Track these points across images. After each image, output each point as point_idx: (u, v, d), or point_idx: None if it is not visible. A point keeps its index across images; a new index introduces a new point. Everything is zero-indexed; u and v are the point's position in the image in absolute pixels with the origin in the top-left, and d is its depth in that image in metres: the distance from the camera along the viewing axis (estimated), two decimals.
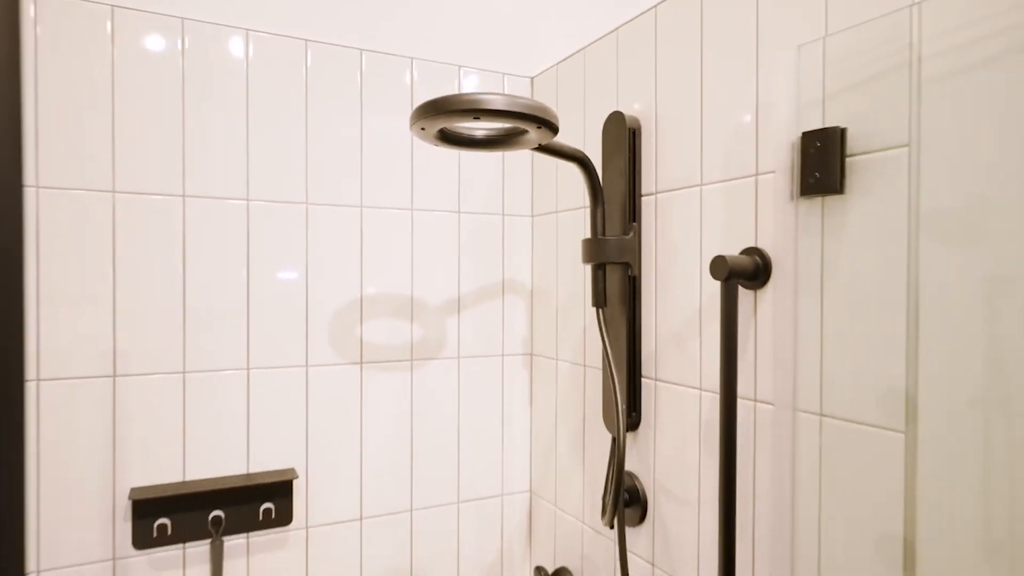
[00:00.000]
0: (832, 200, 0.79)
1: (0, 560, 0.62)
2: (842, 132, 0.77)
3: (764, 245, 0.89)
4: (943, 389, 0.69)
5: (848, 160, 0.77)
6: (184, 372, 1.16)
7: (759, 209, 0.90)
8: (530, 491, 1.50)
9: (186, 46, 1.15)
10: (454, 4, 1.40)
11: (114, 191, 1.11)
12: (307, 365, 1.26)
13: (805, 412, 0.84)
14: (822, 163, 0.78)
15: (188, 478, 1.16)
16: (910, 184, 0.71)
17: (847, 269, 0.78)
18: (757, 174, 0.90)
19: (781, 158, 0.84)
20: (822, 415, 0.81)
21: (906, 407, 0.72)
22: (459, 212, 1.41)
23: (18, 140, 0.63)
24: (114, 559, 1.11)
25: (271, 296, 1.23)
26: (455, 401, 1.42)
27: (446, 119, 0.80)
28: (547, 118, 0.83)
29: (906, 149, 0.72)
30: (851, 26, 0.77)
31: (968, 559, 0.67)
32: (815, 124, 0.80)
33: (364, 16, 1.31)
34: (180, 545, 1.16)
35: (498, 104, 0.79)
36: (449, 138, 0.88)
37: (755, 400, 0.91)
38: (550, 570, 1.39)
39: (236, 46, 1.19)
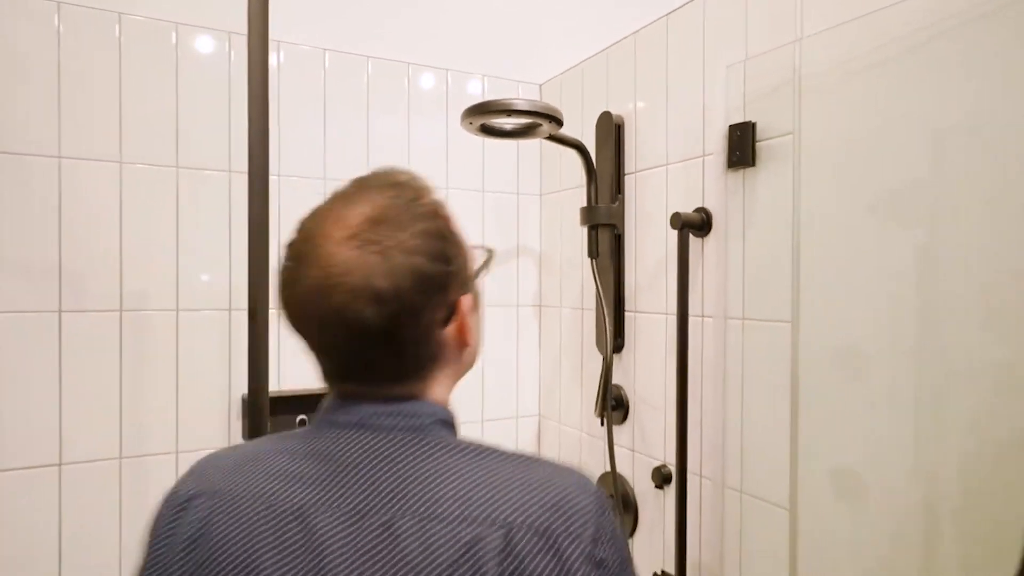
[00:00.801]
0: (749, 171, 1.17)
1: None
2: (753, 125, 1.14)
3: (708, 205, 1.26)
4: (820, 279, 1.06)
5: (757, 144, 1.14)
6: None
7: (704, 180, 1.27)
8: (539, 414, 1.88)
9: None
10: (480, 28, 1.77)
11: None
12: None
13: (733, 319, 1.21)
14: (741, 146, 1.15)
15: (282, 388, 1.53)
16: (794, 158, 1.09)
17: (759, 217, 1.15)
18: (703, 155, 1.28)
19: (717, 143, 1.21)
20: (744, 319, 1.19)
21: (792, 298, 1.09)
22: (483, 191, 1.78)
23: None
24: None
25: None
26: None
27: (487, 116, 1.18)
28: (555, 115, 1.21)
29: (791, 136, 1.09)
30: (760, 53, 1.14)
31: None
32: (737, 119, 1.17)
33: (409, 36, 1.68)
34: None
35: (522, 105, 1.17)
36: (487, 130, 1.26)
37: (702, 316, 1.29)
38: None
39: (358, 73, 1.57)
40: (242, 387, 1.49)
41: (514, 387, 1.85)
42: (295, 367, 1.51)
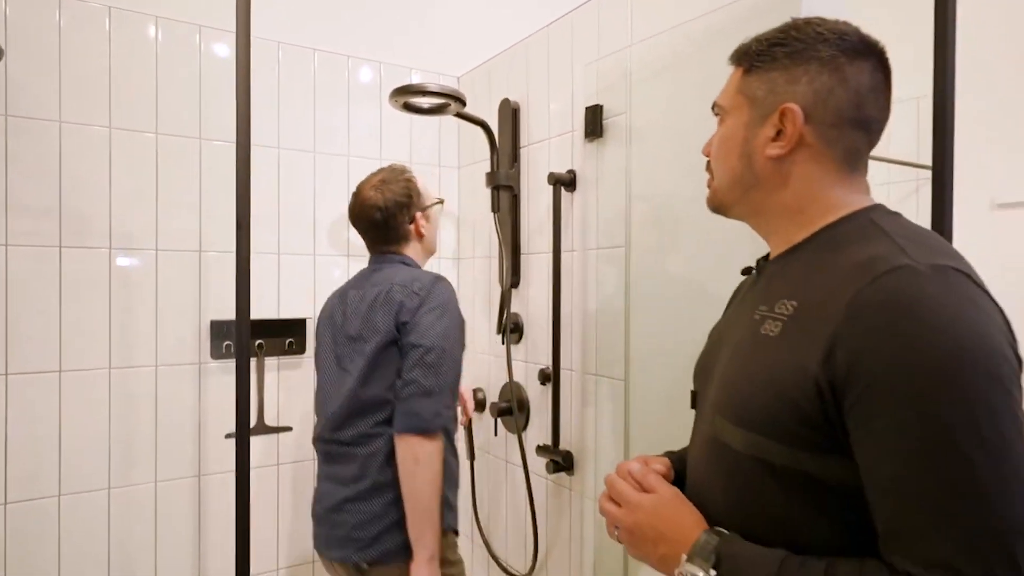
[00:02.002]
0: (599, 141, 1.61)
1: None
2: (601, 107, 1.58)
3: (575, 167, 1.70)
4: (647, 216, 1.51)
5: (604, 121, 1.59)
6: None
7: (573, 148, 1.71)
8: None
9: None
10: (410, 28, 2.16)
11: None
12: (314, 254, 2.00)
13: (593, 250, 1.65)
14: (593, 122, 1.59)
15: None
16: (627, 127, 1.53)
17: (607, 174, 1.60)
18: (572, 131, 1.71)
19: (579, 120, 1.65)
20: (598, 249, 1.63)
21: (626, 232, 1.54)
22: (411, 163, 2.17)
23: None
24: (199, 364, 1.83)
25: (289, 204, 1.96)
26: None
27: (408, 96, 1.58)
28: (459, 96, 1.62)
29: (625, 115, 1.54)
30: (606, 55, 1.59)
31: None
32: (592, 103, 1.61)
33: (349, 32, 2.05)
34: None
35: (433, 88, 1.57)
36: (409, 107, 1.66)
37: (572, 251, 1.72)
38: (471, 389, 2.17)
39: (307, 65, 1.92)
40: (210, 314, 1.84)
41: None
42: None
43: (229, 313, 1.85)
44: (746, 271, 0.86)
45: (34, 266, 1.62)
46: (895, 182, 1.46)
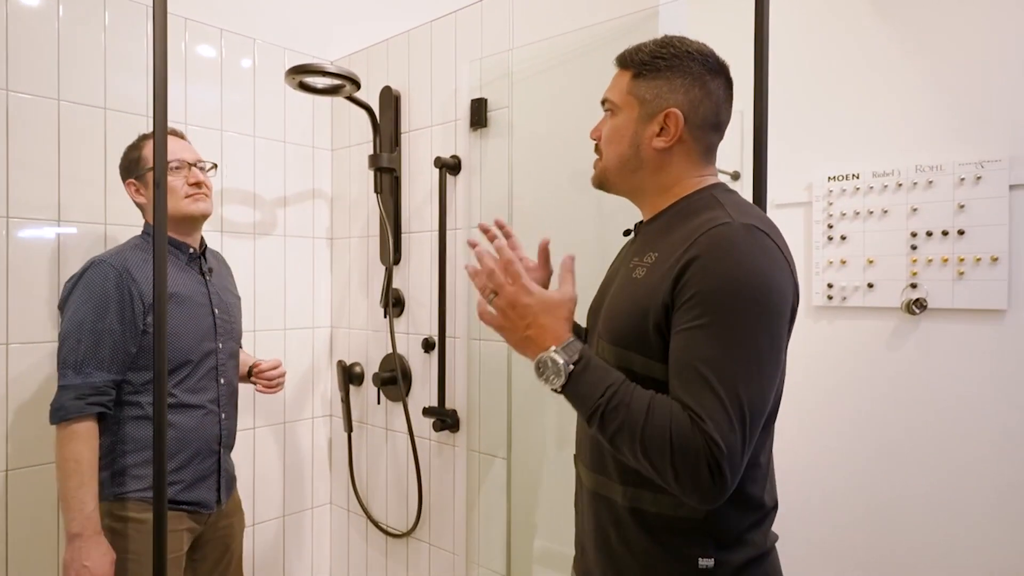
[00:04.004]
0: (483, 130, 1.81)
1: None
2: (486, 100, 1.78)
3: (459, 153, 1.88)
4: (527, 199, 1.73)
5: (488, 113, 1.79)
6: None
7: (456, 136, 1.89)
8: (331, 325, 2.34)
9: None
10: (284, 8, 2.18)
11: None
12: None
13: (475, 228, 1.84)
14: (478, 113, 1.79)
15: None
16: (509, 120, 1.75)
17: (489, 161, 1.80)
18: (456, 120, 1.89)
19: (463, 111, 1.84)
20: (455, 229, 1.82)
21: (507, 214, 1.75)
22: (284, 143, 2.19)
23: None
24: None
25: None
26: (282, 265, 2.20)
27: (306, 75, 1.64)
28: (355, 79, 1.72)
29: (507, 109, 1.75)
30: (490, 55, 1.79)
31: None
32: (476, 96, 1.81)
33: (230, 9, 2.03)
34: None
35: (332, 68, 1.66)
36: (304, 86, 1.72)
37: (455, 229, 1.90)
38: (348, 363, 2.25)
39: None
40: None
41: (310, 302, 2.29)
42: None
43: None
44: (627, 233, 1.11)
45: None
46: None
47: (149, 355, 1.36)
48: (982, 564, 1.50)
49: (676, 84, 0.93)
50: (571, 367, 0.85)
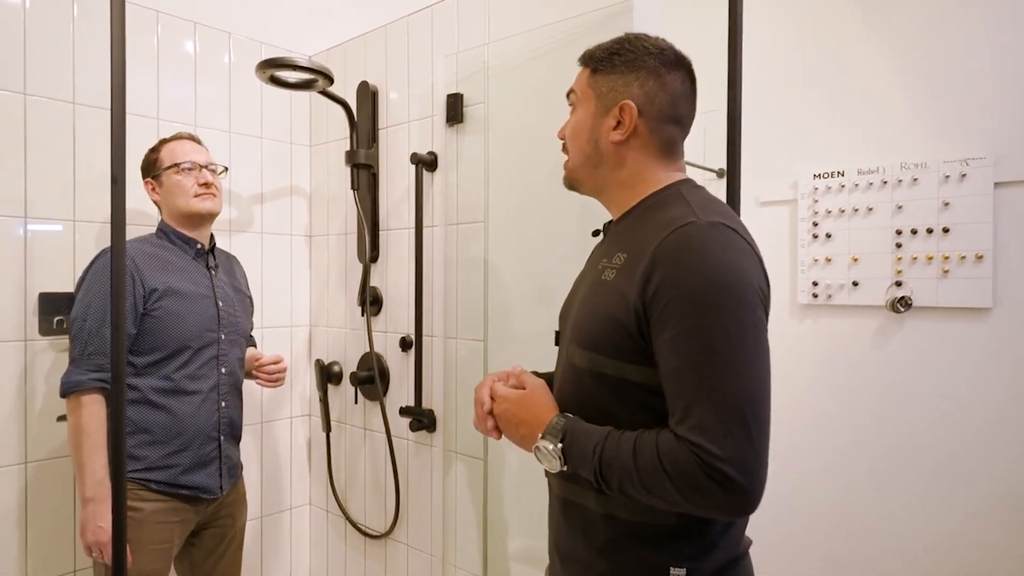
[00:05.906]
0: (459, 126, 1.77)
1: None
2: (462, 95, 1.75)
3: (435, 149, 1.85)
4: (502, 196, 1.70)
5: (464, 108, 1.75)
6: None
7: (434, 132, 1.85)
8: (310, 324, 2.31)
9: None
10: (260, 3, 2.14)
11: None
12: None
13: (454, 225, 1.81)
14: (454, 109, 1.75)
15: None
16: (485, 116, 1.71)
17: (466, 157, 1.76)
18: (432, 115, 1.85)
19: (439, 106, 1.80)
20: (458, 224, 1.79)
21: (483, 207, 1.72)
22: (262, 139, 2.15)
23: None
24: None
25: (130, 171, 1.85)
26: (259, 263, 2.16)
27: (277, 69, 1.60)
28: (328, 73, 1.68)
29: (483, 104, 1.72)
30: (466, 49, 1.75)
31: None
32: (452, 91, 1.77)
33: (205, 2, 1.99)
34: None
35: (304, 63, 1.62)
36: (276, 80, 1.68)
37: (432, 226, 1.87)
38: (326, 363, 2.21)
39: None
40: (38, 287, 1.69)
41: (288, 300, 2.25)
42: None
43: (61, 285, 1.72)
44: (595, 233, 1.08)
45: None
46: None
47: (150, 338, 1.47)
48: (964, 561, 1.47)
49: (630, 78, 0.92)
50: (560, 446, 0.86)
